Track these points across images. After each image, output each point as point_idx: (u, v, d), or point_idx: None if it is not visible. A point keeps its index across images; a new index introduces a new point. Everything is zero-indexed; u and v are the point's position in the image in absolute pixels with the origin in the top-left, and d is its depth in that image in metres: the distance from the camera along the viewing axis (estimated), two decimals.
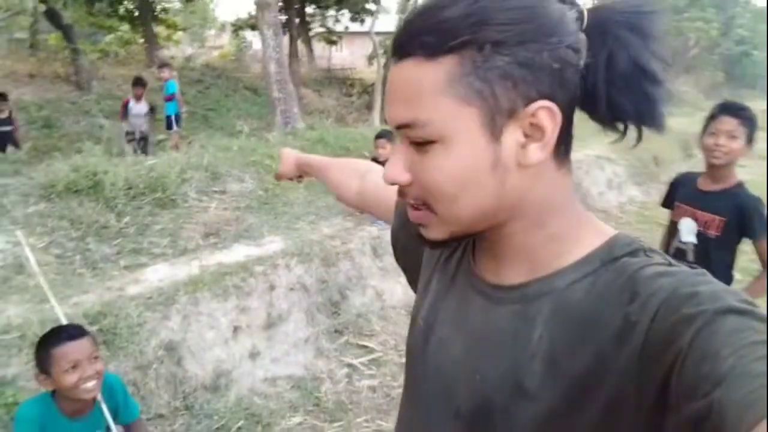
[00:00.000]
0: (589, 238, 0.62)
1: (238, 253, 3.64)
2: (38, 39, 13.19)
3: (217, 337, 2.83)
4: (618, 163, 7.92)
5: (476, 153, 0.57)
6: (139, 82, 7.79)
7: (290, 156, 1.33)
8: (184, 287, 2.88)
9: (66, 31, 10.91)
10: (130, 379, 2.41)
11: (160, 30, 16.92)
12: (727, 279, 2.20)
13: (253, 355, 2.94)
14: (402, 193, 0.64)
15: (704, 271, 0.56)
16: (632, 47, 0.57)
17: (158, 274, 3.22)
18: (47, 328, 1.95)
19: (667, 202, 2.50)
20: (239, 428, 2.52)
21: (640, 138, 0.62)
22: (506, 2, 0.55)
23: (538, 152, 0.57)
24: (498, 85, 0.55)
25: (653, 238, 4.87)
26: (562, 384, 0.56)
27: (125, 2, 14.38)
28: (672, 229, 2.42)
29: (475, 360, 0.65)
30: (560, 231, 0.62)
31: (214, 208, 5.04)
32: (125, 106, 7.83)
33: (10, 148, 6.81)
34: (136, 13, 15.09)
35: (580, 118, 0.62)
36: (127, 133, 7.74)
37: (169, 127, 8.07)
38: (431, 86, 0.56)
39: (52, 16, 10.90)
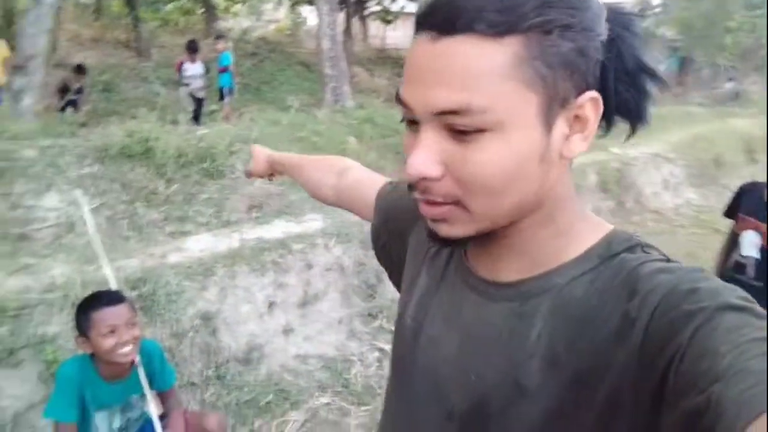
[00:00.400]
0: (587, 233, 0.61)
1: (278, 228, 3.67)
2: (102, 4, 13.56)
3: (253, 311, 2.86)
4: (676, 162, 7.59)
5: (530, 144, 0.54)
6: (192, 44, 7.91)
7: (261, 153, 1.29)
8: (223, 260, 2.92)
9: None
10: (165, 346, 2.46)
11: (219, 1, 17.12)
12: None
13: (287, 331, 2.96)
14: (424, 188, 0.56)
15: (703, 268, 0.55)
16: (634, 46, 0.58)
17: (200, 244, 3.28)
18: (90, 290, 2.01)
19: (730, 212, 2.35)
20: (267, 403, 2.55)
21: (633, 132, 0.62)
22: None
23: (580, 144, 0.57)
24: (559, 72, 0.53)
25: (709, 244, 4.63)
26: (562, 383, 0.55)
27: None
28: (732, 241, 2.28)
29: (469, 359, 0.63)
30: (565, 226, 0.61)
31: (260, 182, 5.10)
32: (179, 66, 7.94)
33: (69, 110, 7.06)
34: None
35: None
36: (190, 96, 7.87)
37: (221, 98, 8.14)
38: (495, 68, 0.51)
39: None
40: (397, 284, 0.84)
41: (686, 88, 18.42)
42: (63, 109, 7.07)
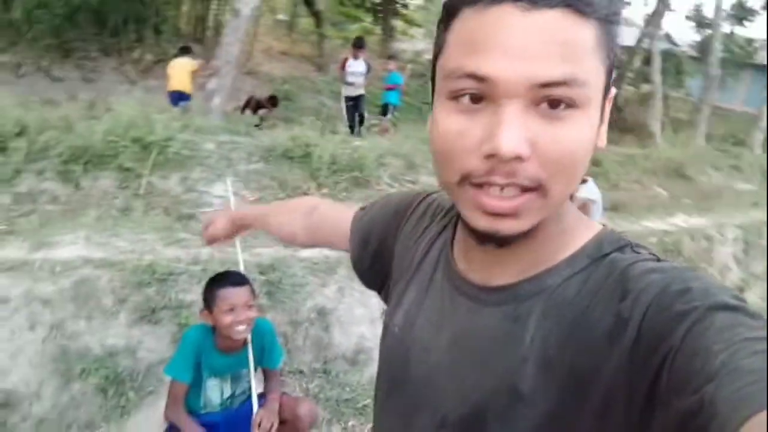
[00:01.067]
0: (581, 231, 0.60)
1: None
2: (295, 21, 14.99)
3: (366, 314, 2.96)
4: None
5: (595, 125, 0.54)
6: (358, 42, 8.08)
7: (219, 216, 1.24)
8: (346, 260, 3.06)
9: (317, 17, 12.23)
10: (281, 331, 2.65)
11: (398, 24, 18.04)
12: None
13: None
14: (510, 172, 0.51)
15: (694, 267, 0.51)
16: None
17: None
18: (224, 268, 2.23)
19: None
20: (365, 406, 2.62)
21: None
22: None
23: (604, 135, 0.57)
24: (611, 62, 0.54)
25: None
26: (557, 385, 0.54)
27: None
28: None
29: (463, 365, 0.62)
30: (568, 223, 0.60)
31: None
32: (343, 64, 8.08)
33: (248, 112, 7.90)
34: (380, 7, 16.27)
35: None
36: (346, 99, 8.08)
37: (383, 113, 8.52)
38: (587, 44, 0.50)
39: (308, 2, 12.33)
40: (387, 299, 0.82)
41: None
42: (243, 109, 7.94)
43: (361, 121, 8.17)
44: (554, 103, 0.50)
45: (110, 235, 3.18)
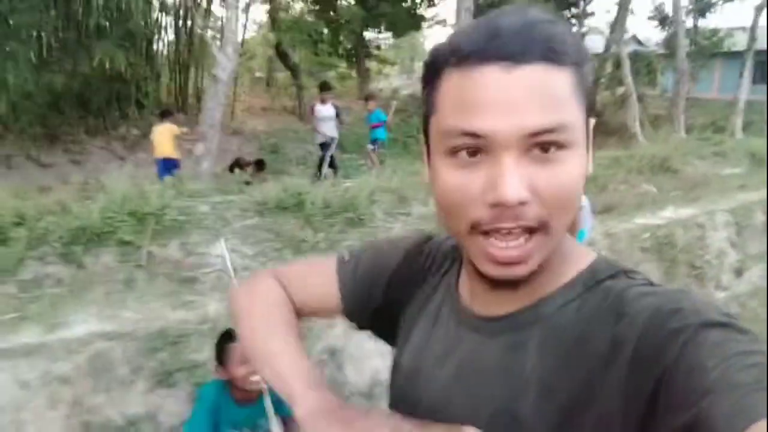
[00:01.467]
0: (577, 259, 0.64)
1: None
2: (272, 76, 15.38)
3: (376, 348, 3.01)
4: None
5: (582, 164, 0.58)
6: (324, 86, 8.30)
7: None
8: None
9: (293, 70, 12.57)
10: None
11: (372, 65, 18.51)
12: None
13: None
14: (516, 215, 0.55)
15: (686, 288, 0.58)
16: None
17: None
18: (225, 322, 2.30)
19: None
20: None
21: None
22: (566, 28, 0.58)
23: (591, 162, 0.60)
24: (587, 99, 0.58)
25: None
26: (555, 411, 0.56)
27: (344, 42, 16.06)
28: None
29: (466, 395, 0.64)
30: (565, 251, 0.63)
31: (398, 229, 5.36)
32: (312, 110, 8.27)
33: (237, 170, 8.07)
34: (353, 51, 16.74)
35: None
36: (321, 146, 8.17)
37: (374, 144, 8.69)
38: (565, 91, 0.55)
39: (283, 57, 12.70)
40: (394, 340, 0.82)
41: None
42: (231, 169, 8.10)
43: (332, 164, 8.26)
44: (545, 148, 0.54)
45: (119, 308, 3.25)
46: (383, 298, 0.82)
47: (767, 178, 5.58)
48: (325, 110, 8.14)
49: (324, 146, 8.29)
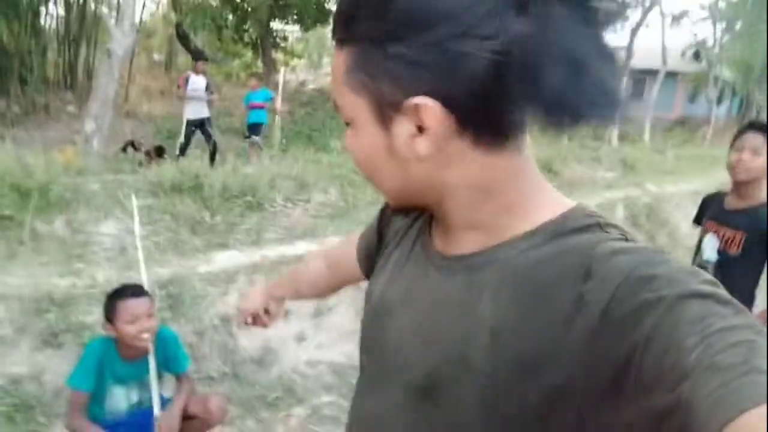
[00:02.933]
0: (543, 210, 0.60)
1: (301, 248, 3.99)
2: (172, 60, 14.78)
3: None
4: None
5: (372, 139, 0.60)
6: (199, 54, 7.82)
7: (254, 291, 1.24)
8: (245, 270, 3.25)
9: (194, 54, 12.20)
10: (187, 341, 2.76)
11: (279, 57, 18.30)
12: (749, 301, 2.14)
13: (299, 338, 3.22)
14: None
15: (662, 249, 0.54)
16: (560, 26, 0.50)
17: (226, 258, 3.63)
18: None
19: (698, 220, 2.47)
20: (276, 398, 2.80)
21: (557, 132, 0.57)
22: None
23: (425, 145, 0.56)
24: (378, 79, 0.56)
25: None
26: (506, 359, 0.54)
27: (249, 30, 15.76)
28: (699, 248, 2.39)
29: (426, 332, 0.64)
30: (508, 204, 0.60)
31: (298, 214, 5.47)
32: (185, 80, 7.42)
33: (130, 150, 7.74)
34: (259, 41, 16.46)
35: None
36: (188, 123, 7.44)
37: (248, 136, 8.03)
38: (338, 74, 0.60)
39: (184, 40, 12.29)
40: None
41: None
42: (124, 149, 7.73)
43: (214, 149, 7.57)
44: (346, 123, 0.63)
45: (1, 274, 3.13)
46: (375, 249, 0.87)
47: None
48: (199, 81, 7.43)
49: (191, 124, 7.53)
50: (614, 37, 0.53)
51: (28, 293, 2.74)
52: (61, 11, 10.41)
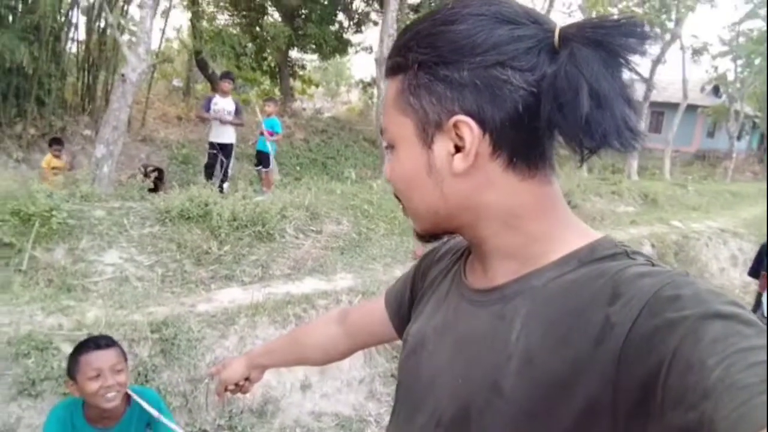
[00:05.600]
0: (571, 239, 0.63)
1: (308, 285, 3.76)
2: (191, 87, 14.88)
3: None
4: (746, 238, 7.13)
5: (413, 158, 0.64)
6: (227, 74, 6.99)
7: (235, 359, 1.19)
8: (246, 310, 3.03)
9: (212, 80, 12.23)
10: (180, 390, 2.54)
11: (296, 85, 18.40)
12: None
13: (304, 387, 2.97)
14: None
15: (687, 272, 0.55)
16: (585, 65, 0.55)
17: (229, 296, 3.41)
18: (113, 331, 2.09)
19: (754, 272, 2.22)
20: None
21: (582, 160, 0.61)
22: (438, 28, 0.61)
23: (461, 162, 0.61)
24: (425, 100, 0.62)
25: None
26: (538, 384, 0.55)
27: (268, 59, 15.86)
28: (757, 302, 2.13)
29: (458, 365, 0.66)
30: (539, 233, 0.63)
31: (308, 246, 5.27)
32: (208, 103, 6.72)
33: (140, 177, 7.60)
34: (277, 69, 16.56)
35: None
36: (210, 146, 6.84)
37: (259, 164, 7.65)
38: (388, 100, 0.67)
39: (202, 67, 12.34)
40: None
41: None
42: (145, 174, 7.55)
43: (225, 177, 7.02)
44: (388, 147, 0.69)
45: None
46: (409, 303, 0.90)
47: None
48: (225, 103, 6.68)
49: (214, 147, 6.86)
50: (635, 70, 0.57)
51: (8, 333, 2.53)
52: (82, 36, 10.50)
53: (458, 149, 0.61)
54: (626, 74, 0.57)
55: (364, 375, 3.29)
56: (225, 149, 6.95)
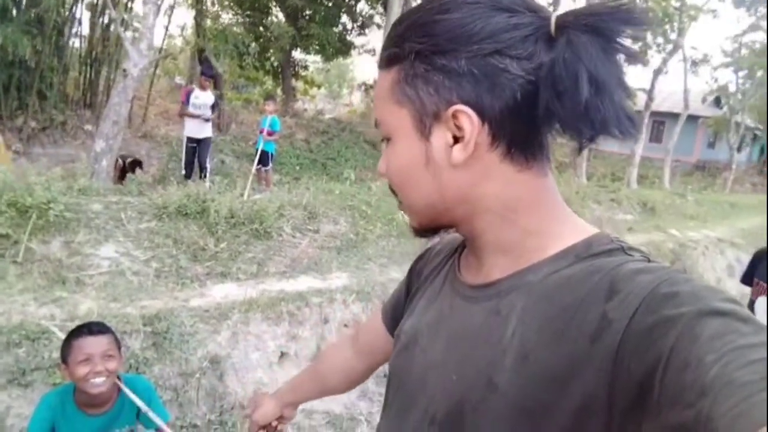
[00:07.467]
0: (567, 234, 0.62)
1: (302, 283, 3.76)
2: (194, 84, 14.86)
3: (262, 358, 2.90)
4: (743, 248, 7.14)
5: (411, 149, 0.63)
6: (207, 70, 7.05)
7: (265, 399, 1.15)
8: (239, 306, 3.02)
9: (214, 79, 12.24)
10: (171, 384, 2.53)
11: (299, 85, 18.42)
12: None
13: None
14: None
15: (684, 270, 0.53)
16: (583, 52, 0.54)
17: (223, 292, 3.41)
18: (105, 322, 2.09)
19: (747, 279, 2.22)
20: None
21: (580, 148, 0.60)
22: (433, 17, 0.60)
23: (460, 152, 0.60)
24: (422, 90, 0.61)
25: None
26: (533, 380, 0.55)
27: (271, 58, 15.88)
28: (750, 309, 2.13)
29: (452, 361, 0.65)
30: (535, 227, 0.63)
31: (305, 245, 5.26)
32: (187, 94, 6.83)
33: (138, 171, 7.56)
34: (280, 69, 16.58)
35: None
36: (188, 140, 6.91)
37: (261, 162, 7.67)
38: (382, 91, 0.65)
39: (205, 65, 12.35)
40: None
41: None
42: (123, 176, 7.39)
43: (202, 173, 7.05)
44: (384, 139, 0.68)
45: None
46: (405, 303, 0.88)
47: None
48: (204, 97, 6.83)
49: (192, 142, 6.93)
50: (637, 79, 0.56)
51: (0, 322, 2.52)
52: (86, 30, 10.50)
53: (456, 140, 0.60)
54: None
55: None
56: (202, 144, 7.07)
